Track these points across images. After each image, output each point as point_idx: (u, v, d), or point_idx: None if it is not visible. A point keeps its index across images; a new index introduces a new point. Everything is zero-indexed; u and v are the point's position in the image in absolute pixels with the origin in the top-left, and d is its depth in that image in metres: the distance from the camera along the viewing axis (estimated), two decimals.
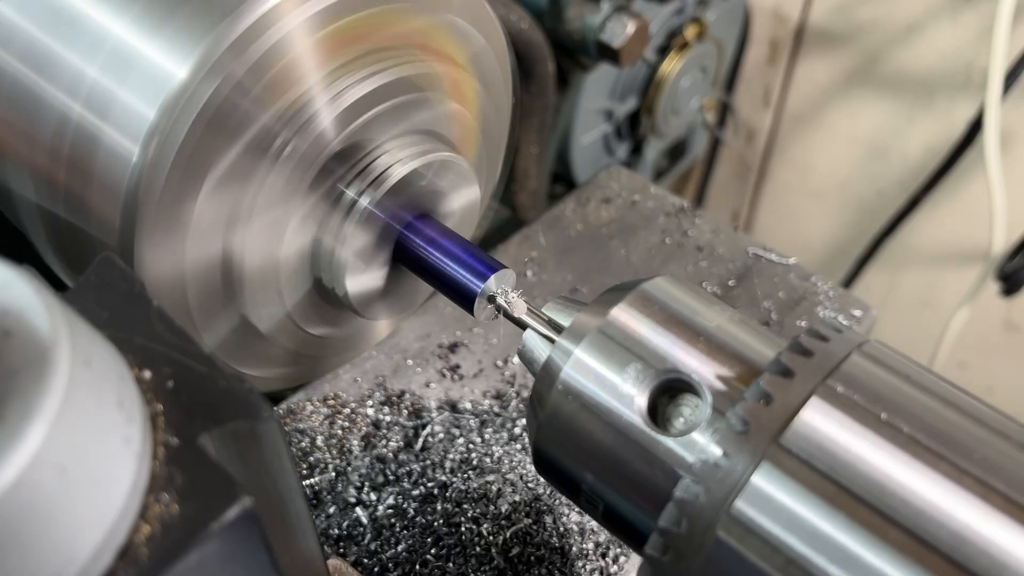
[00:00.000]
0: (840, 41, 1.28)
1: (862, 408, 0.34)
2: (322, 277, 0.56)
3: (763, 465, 0.33)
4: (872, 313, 0.75)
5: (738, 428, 0.34)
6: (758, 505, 0.33)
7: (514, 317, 0.51)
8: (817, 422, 0.33)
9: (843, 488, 0.32)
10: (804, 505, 0.32)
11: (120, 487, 0.25)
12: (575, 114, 1.03)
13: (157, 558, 0.25)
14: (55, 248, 0.53)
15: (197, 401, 0.29)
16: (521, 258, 0.78)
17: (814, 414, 0.33)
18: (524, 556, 0.58)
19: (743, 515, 0.33)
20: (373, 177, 0.54)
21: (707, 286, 0.76)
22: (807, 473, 0.32)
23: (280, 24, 0.46)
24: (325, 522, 0.59)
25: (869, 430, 0.33)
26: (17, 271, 0.26)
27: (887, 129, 1.30)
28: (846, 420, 0.33)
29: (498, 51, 0.62)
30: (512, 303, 0.52)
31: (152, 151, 0.45)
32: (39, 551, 0.24)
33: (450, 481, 0.61)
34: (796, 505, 0.32)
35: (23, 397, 0.23)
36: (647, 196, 0.84)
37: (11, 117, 0.49)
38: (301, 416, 0.65)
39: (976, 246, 1.25)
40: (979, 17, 1.14)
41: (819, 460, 0.32)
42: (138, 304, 0.32)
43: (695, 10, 1.10)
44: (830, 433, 0.33)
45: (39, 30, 0.48)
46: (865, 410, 0.33)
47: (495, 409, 0.66)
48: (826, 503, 0.32)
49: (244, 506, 0.26)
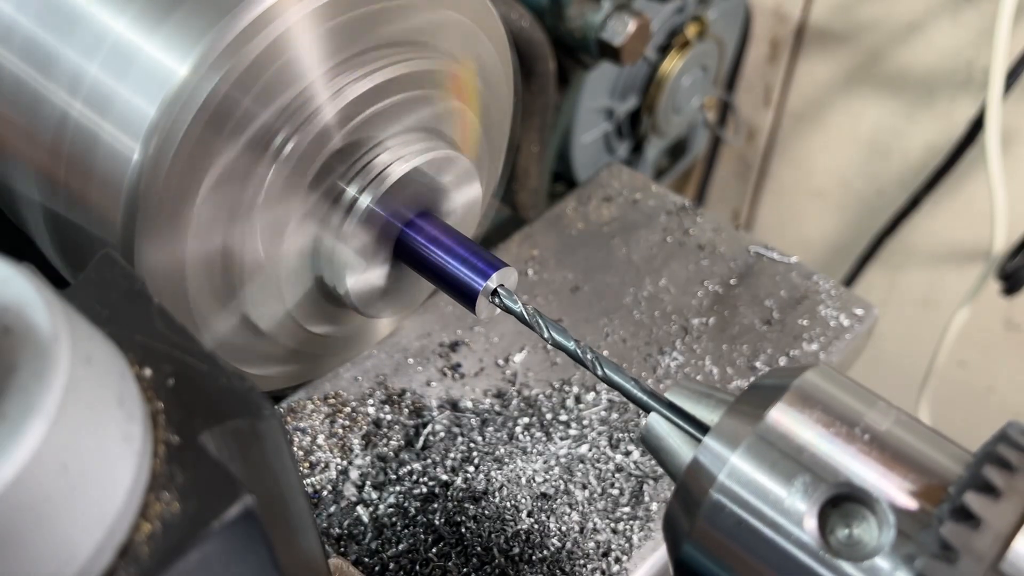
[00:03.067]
0: (841, 40, 1.28)
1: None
2: (323, 275, 0.56)
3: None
4: (874, 312, 0.75)
5: (940, 555, 0.31)
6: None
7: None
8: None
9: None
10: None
11: (121, 485, 0.25)
12: (576, 113, 1.03)
13: (158, 556, 0.25)
14: (55, 245, 0.53)
15: (198, 399, 0.29)
16: (522, 257, 0.78)
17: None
18: (525, 556, 0.58)
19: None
20: (374, 175, 0.53)
21: (709, 285, 0.76)
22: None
23: (280, 20, 0.46)
24: (326, 521, 0.59)
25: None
26: (17, 268, 0.26)
27: (888, 128, 1.29)
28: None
29: (500, 49, 0.62)
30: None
31: (152, 149, 0.45)
32: (39, 549, 0.23)
33: (451, 480, 0.61)
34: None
35: (23, 394, 0.23)
36: (648, 195, 0.84)
37: (11, 115, 0.49)
38: (302, 415, 0.65)
39: (977, 245, 1.25)
40: (980, 16, 1.13)
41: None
42: (138, 302, 0.32)
43: (696, 9, 1.10)
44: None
45: (39, 27, 0.47)
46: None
47: (496, 408, 0.66)
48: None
49: (245, 505, 0.26)
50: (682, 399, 0.41)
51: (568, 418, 0.65)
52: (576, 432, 0.64)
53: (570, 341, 0.49)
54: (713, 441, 0.37)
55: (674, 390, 0.42)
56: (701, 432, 0.39)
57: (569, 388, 0.67)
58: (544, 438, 0.64)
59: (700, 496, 0.36)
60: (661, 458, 0.41)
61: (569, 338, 0.49)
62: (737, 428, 0.37)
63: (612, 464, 0.63)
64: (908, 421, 0.36)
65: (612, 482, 0.62)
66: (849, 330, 0.73)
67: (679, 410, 0.41)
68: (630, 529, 0.59)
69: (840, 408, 0.36)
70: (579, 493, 0.61)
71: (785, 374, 0.38)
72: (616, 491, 0.61)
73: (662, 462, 0.41)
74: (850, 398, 0.37)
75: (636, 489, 0.62)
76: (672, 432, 0.41)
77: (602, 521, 0.60)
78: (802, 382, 0.37)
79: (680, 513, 0.38)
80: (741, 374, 0.70)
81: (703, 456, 0.37)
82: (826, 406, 0.36)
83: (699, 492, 0.37)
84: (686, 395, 0.41)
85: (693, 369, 0.70)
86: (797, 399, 0.37)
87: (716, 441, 0.37)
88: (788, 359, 0.71)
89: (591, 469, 0.62)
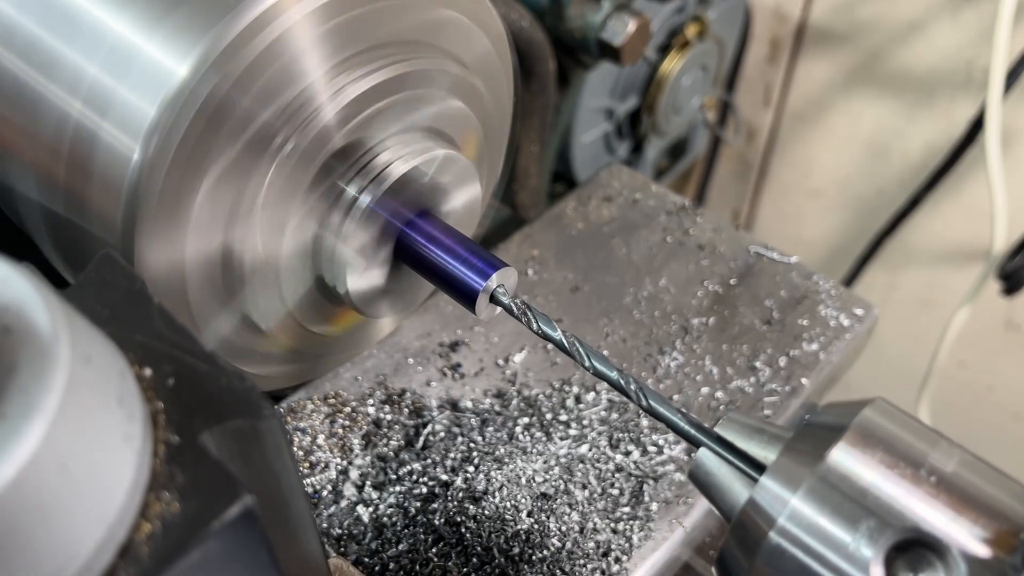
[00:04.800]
0: (841, 40, 1.28)
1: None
2: (323, 275, 0.56)
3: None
4: (874, 312, 0.75)
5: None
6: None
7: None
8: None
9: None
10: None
11: (121, 485, 0.25)
12: (576, 113, 1.03)
13: (158, 556, 0.25)
14: (55, 245, 0.53)
15: (198, 399, 0.29)
16: (522, 257, 0.78)
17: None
18: (525, 556, 0.58)
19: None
20: (374, 174, 0.53)
21: (709, 285, 0.76)
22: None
23: (280, 20, 0.46)
24: (326, 521, 0.59)
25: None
26: (17, 268, 0.26)
27: (888, 128, 1.29)
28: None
29: (500, 49, 0.62)
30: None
31: (152, 149, 0.45)
32: (40, 549, 0.23)
33: (451, 480, 0.61)
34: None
35: (23, 394, 0.23)
36: (648, 195, 0.84)
37: (11, 115, 0.49)
38: (302, 415, 0.65)
39: (977, 245, 1.25)
40: (980, 16, 1.13)
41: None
42: (138, 301, 0.32)
43: (696, 8, 1.10)
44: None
45: (39, 28, 0.47)
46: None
47: (496, 408, 0.66)
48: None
49: (245, 504, 0.26)
50: (732, 434, 0.40)
51: (568, 418, 0.65)
52: (576, 432, 0.64)
53: (613, 371, 0.47)
54: (771, 481, 0.36)
55: (724, 424, 0.40)
56: (756, 470, 0.38)
57: (569, 388, 0.67)
58: (544, 438, 0.64)
59: (759, 538, 0.35)
60: (711, 494, 0.40)
61: (612, 367, 0.47)
62: (796, 468, 0.36)
63: (612, 464, 0.63)
64: (973, 461, 0.35)
65: (612, 482, 0.62)
66: (849, 330, 0.73)
67: (730, 446, 0.40)
68: (630, 529, 0.59)
69: (903, 448, 0.35)
70: (579, 493, 0.61)
71: (841, 411, 0.37)
72: (616, 491, 0.61)
73: (712, 498, 0.40)
74: (912, 437, 0.36)
75: (636, 489, 0.62)
76: (723, 468, 0.39)
77: (602, 521, 0.60)
78: (862, 420, 0.36)
79: (737, 554, 0.37)
80: (741, 374, 0.70)
81: (760, 496, 0.36)
82: (888, 445, 0.35)
83: (757, 534, 0.35)
84: (736, 429, 0.40)
85: (693, 369, 0.70)
86: (858, 438, 0.35)
87: (774, 481, 0.36)
88: (788, 359, 0.71)
89: (591, 469, 0.62)
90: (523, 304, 0.52)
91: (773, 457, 0.38)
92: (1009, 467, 0.38)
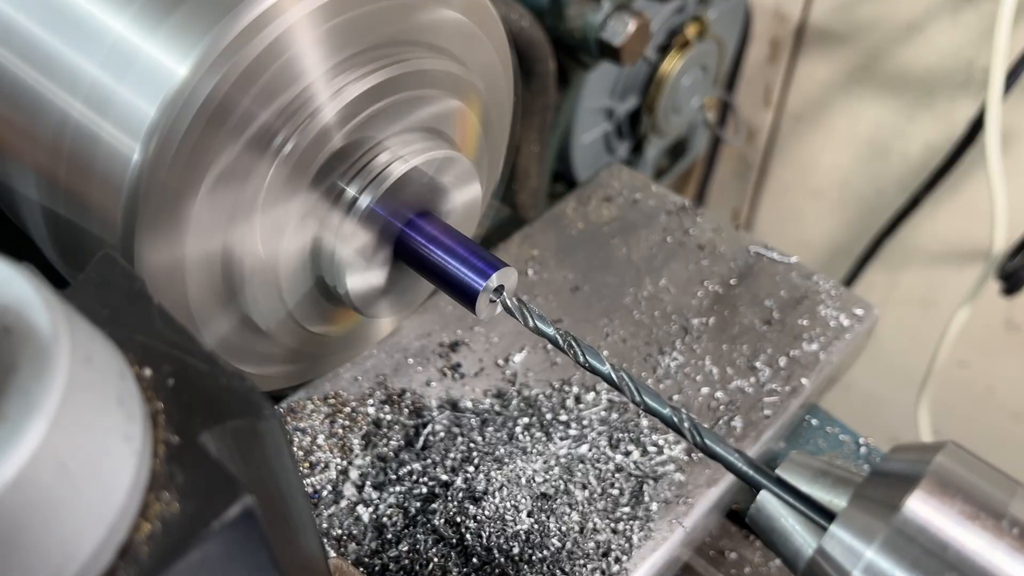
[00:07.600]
0: (841, 40, 1.28)
1: None
2: (323, 275, 0.56)
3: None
4: (874, 312, 0.75)
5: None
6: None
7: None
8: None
9: None
10: None
11: (120, 485, 0.25)
12: (576, 113, 1.03)
13: (158, 556, 0.25)
14: (55, 245, 0.53)
15: (198, 399, 0.29)
16: (522, 257, 0.78)
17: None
18: (525, 556, 0.58)
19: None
20: (374, 174, 0.53)
21: (709, 285, 0.76)
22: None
23: (280, 20, 0.46)
24: (326, 521, 0.59)
25: None
26: (17, 268, 0.26)
27: (888, 128, 1.29)
28: None
29: (500, 49, 0.62)
30: None
31: (152, 149, 0.45)
32: (39, 549, 0.23)
33: (451, 480, 0.61)
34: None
35: (23, 394, 0.23)
36: (648, 195, 0.84)
37: (11, 115, 0.49)
38: (302, 415, 0.65)
39: (977, 245, 1.25)
40: (980, 16, 1.13)
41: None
42: (138, 302, 0.32)
43: (696, 8, 1.10)
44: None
45: (39, 27, 0.47)
46: None
47: (496, 408, 0.66)
48: None
49: (245, 505, 0.26)
50: (795, 476, 0.38)
51: (568, 418, 0.65)
52: (576, 432, 0.64)
53: (665, 407, 0.45)
54: (842, 531, 0.35)
55: (786, 466, 0.39)
56: (824, 518, 0.37)
57: (569, 388, 0.67)
58: (544, 438, 0.64)
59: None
60: (771, 539, 0.38)
61: (664, 404, 0.45)
62: (869, 518, 0.34)
63: (612, 464, 0.63)
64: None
65: (612, 482, 0.62)
66: (849, 330, 0.73)
67: (793, 490, 0.38)
68: (630, 529, 0.59)
69: (982, 497, 0.34)
70: (579, 493, 0.61)
71: (912, 456, 0.36)
72: (616, 491, 0.61)
73: (772, 543, 0.38)
74: (989, 485, 0.34)
75: (636, 489, 0.62)
76: (787, 513, 0.38)
77: (602, 521, 0.60)
78: (938, 468, 0.34)
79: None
80: (741, 374, 0.70)
81: (831, 547, 0.35)
82: (967, 495, 0.33)
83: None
84: (798, 472, 0.39)
85: (693, 369, 0.70)
86: (935, 487, 0.34)
87: (846, 531, 0.35)
88: (788, 359, 0.71)
89: (591, 469, 0.62)
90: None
91: (842, 504, 0.36)
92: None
